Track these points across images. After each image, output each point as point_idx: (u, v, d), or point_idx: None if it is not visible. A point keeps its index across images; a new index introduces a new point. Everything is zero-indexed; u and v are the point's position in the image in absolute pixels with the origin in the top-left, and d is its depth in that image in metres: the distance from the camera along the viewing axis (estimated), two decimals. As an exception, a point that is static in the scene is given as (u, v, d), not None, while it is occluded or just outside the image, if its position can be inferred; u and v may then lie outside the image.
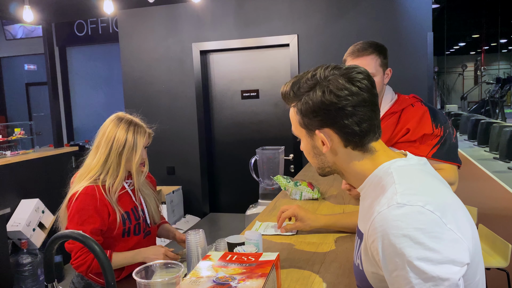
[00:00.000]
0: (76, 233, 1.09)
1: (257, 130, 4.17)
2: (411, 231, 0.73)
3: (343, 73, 0.88)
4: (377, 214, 0.78)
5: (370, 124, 0.89)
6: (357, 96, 0.87)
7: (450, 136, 1.69)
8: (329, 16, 3.75)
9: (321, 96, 0.88)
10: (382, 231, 0.76)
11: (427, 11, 3.50)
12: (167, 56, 4.27)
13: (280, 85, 4.23)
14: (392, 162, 0.88)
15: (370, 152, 0.91)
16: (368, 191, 0.90)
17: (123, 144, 1.69)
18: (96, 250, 1.04)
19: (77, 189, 1.66)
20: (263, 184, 2.49)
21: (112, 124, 1.72)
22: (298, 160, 3.92)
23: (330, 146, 0.91)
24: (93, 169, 1.70)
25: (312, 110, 0.90)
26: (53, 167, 4.19)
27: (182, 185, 4.31)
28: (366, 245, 0.83)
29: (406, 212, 0.75)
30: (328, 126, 0.90)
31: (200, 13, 4.08)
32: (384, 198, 0.80)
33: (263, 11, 3.92)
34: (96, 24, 6.84)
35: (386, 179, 0.85)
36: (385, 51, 1.81)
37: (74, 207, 1.63)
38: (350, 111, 0.87)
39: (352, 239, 1.45)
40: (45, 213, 3.77)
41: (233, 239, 1.34)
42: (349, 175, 0.95)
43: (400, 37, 3.57)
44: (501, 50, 20.05)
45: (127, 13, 4.30)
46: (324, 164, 0.97)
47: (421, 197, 0.77)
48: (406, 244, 0.73)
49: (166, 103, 4.33)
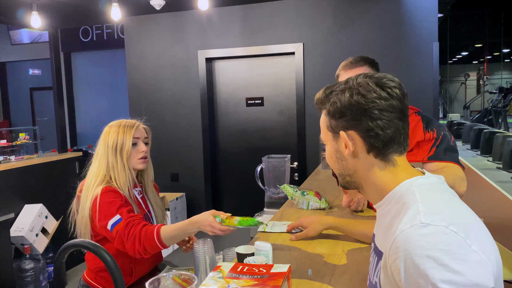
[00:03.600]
0: (87, 242, 1.09)
1: (261, 137, 4.17)
2: (435, 252, 0.72)
3: (375, 79, 0.89)
4: (399, 232, 0.77)
5: (395, 132, 0.88)
6: (386, 100, 0.87)
7: (446, 138, 1.66)
8: (335, 25, 3.76)
9: (349, 97, 0.89)
10: (405, 250, 0.75)
11: (432, 21, 3.51)
12: (173, 63, 4.28)
13: (285, 92, 4.25)
14: (413, 180, 0.87)
15: (392, 164, 0.90)
16: (388, 209, 0.88)
17: (115, 142, 1.74)
18: (107, 259, 1.04)
19: (96, 192, 1.67)
20: (269, 192, 2.48)
21: (105, 131, 1.80)
22: (303, 168, 3.92)
23: (352, 149, 0.90)
24: (99, 174, 1.73)
25: (339, 110, 0.90)
26: (57, 172, 4.19)
27: (186, 192, 4.30)
28: (386, 264, 0.81)
29: (430, 232, 0.74)
30: (353, 128, 0.90)
31: (206, 21, 4.10)
32: (406, 217, 0.79)
33: (269, 19, 3.93)
34: (101, 30, 6.88)
35: (408, 197, 0.83)
36: (377, 64, 1.84)
37: (101, 204, 1.64)
38: (376, 114, 0.87)
39: (362, 251, 1.44)
40: (48, 218, 3.76)
41: (243, 249, 1.33)
42: (368, 187, 0.94)
43: (405, 47, 3.57)
44: (504, 59, 20.08)
45: (133, 19, 4.33)
46: (345, 171, 0.95)
47: (445, 217, 0.76)
48: (430, 265, 0.71)
49: (171, 109, 4.34)
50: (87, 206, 1.68)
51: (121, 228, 1.59)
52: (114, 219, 1.60)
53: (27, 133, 4.35)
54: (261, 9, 3.94)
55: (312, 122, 3.87)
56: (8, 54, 7.38)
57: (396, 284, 0.79)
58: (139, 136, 1.80)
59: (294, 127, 4.01)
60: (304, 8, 3.83)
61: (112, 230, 1.60)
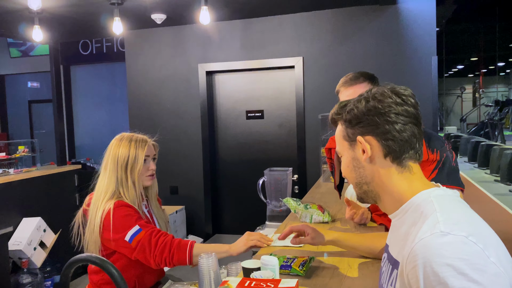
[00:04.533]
0: (93, 256, 1.08)
1: (261, 150, 4.18)
2: (455, 261, 0.72)
3: (390, 88, 0.93)
4: (419, 240, 0.78)
5: (411, 136, 0.90)
6: (401, 106, 0.90)
7: (448, 159, 1.66)
8: (334, 39, 3.80)
9: (366, 103, 0.92)
10: (424, 258, 0.75)
11: (431, 35, 3.55)
12: (173, 76, 4.30)
13: (285, 106, 4.26)
14: (431, 190, 0.89)
15: (408, 170, 0.92)
16: (404, 218, 0.90)
17: (127, 158, 1.74)
18: (114, 274, 1.03)
19: (108, 207, 1.67)
20: (271, 205, 2.47)
21: (115, 144, 1.79)
22: (303, 181, 3.91)
23: (370, 154, 0.92)
24: (109, 189, 1.73)
25: (356, 117, 0.93)
26: (56, 185, 4.17)
27: (186, 205, 4.28)
28: (403, 272, 0.82)
29: (450, 241, 0.75)
30: (370, 133, 0.92)
31: (206, 35, 4.14)
32: (425, 225, 0.80)
33: (269, 33, 3.97)
34: (101, 43, 6.91)
35: (426, 207, 0.85)
36: (377, 79, 1.86)
37: (117, 217, 1.65)
38: (392, 117, 0.90)
39: (368, 264, 1.43)
40: (46, 232, 3.73)
41: (249, 263, 1.33)
42: (385, 196, 0.95)
43: (404, 61, 3.61)
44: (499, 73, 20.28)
45: (134, 33, 4.36)
46: (362, 179, 0.96)
47: (464, 227, 0.77)
48: (449, 273, 0.72)
49: (171, 122, 4.34)
50: (97, 220, 1.67)
51: (144, 237, 1.60)
52: (133, 230, 1.61)
53: (26, 146, 4.34)
54: (261, 24, 3.98)
55: (312, 135, 3.88)
56: (7, 67, 7.40)
57: None
58: (149, 154, 1.81)
59: (294, 140, 4.02)
60: (304, 23, 3.87)
61: (131, 241, 1.60)
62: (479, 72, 19.07)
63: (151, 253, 1.60)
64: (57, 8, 3.34)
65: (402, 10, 3.58)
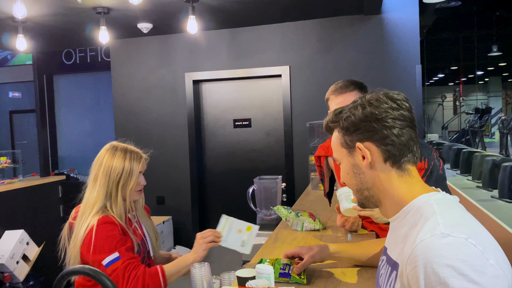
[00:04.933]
0: (87, 268, 1.05)
1: (249, 159, 4.17)
2: (456, 262, 0.74)
3: (384, 93, 0.95)
4: (419, 241, 0.79)
5: (409, 140, 0.92)
6: (397, 110, 0.92)
7: (436, 167, 1.67)
8: (321, 49, 3.84)
9: (362, 110, 0.94)
10: (425, 259, 0.77)
11: (414, 44, 3.62)
12: (160, 85, 4.28)
13: (272, 114, 4.28)
14: (431, 194, 0.90)
15: (408, 174, 0.93)
16: (405, 221, 0.91)
17: (121, 172, 1.68)
18: (109, 286, 1.01)
19: (92, 223, 1.61)
20: (261, 214, 2.46)
21: (108, 154, 1.71)
22: (291, 189, 3.92)
23: (370, 160, 0.93)
24: (96, 202, 1.66)
25: (353, 124, 0.95)
26: (39, 197, 4.09)
27: (172, 216, 4.24)
28: (403, 273, 0.83)
29: (450, 242, 0.76)
30: (368, 139, 0.93)
31: (193, 44, 4.14)
32: (426, 227, 0.81)
33: (256, 42, 3.99)
34: (85, 52, 6.83)
35: (427, 209, 0.86)
36: (366, 88, 1.88)
37: (98, 237, 1.58)
38: (390, 122, 0.92)
39: (362, 271, 1.43)
40: (29, 245, 3.64)
41: (243, 272, 1.32)
42: (386, 200, 0.96)
43: (389, 69, 3.67)
44: (478, 81, 20.78)
45: (120, 42, 4.33)
46: (363, 185, 0.97)
47: (464, 230, 0.78)
48: (450, 274, 0.73)
49: (157, 131, 4.31)
50: (80, 235, 1.62)
51: (120, 269, 1.55)
52: (111, 256, 1.55)
53: (8, 157, 4.25)
54: (248, 33, 4.00)
55: (300, 143, 3.90)
56: (-14, 77, 7.25)
57: None
58: (141, 170, 1.77)
59: (282, 148, 4.03)
60: (290, 32, 3.91)
61: (107, 267, 1.54)
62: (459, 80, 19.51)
63: (126, 286, 1.55)
64: (41, 17, 3.30)
65: (386, 20, 3.65)
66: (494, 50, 12.58)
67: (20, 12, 2.45)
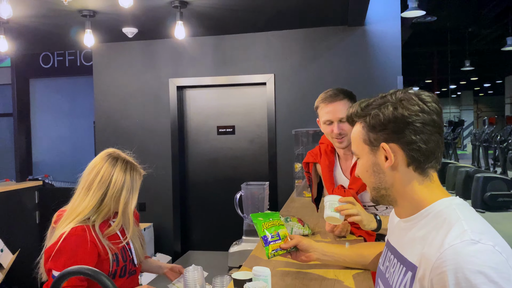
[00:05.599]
0: (85, 268, 1.04)
1: (232, 166, 4.17)
2: (486, 269, 0.75)
3: (415, 93, 0.92)
4: (448, 246, 0.79)
5: (435, 147, 0.90)
6: (428, 114, 0.89)
7: None
8: (305, 58, 3.90)
9: (393, 110, 0.90)
10: (455, 264, 0.77)
11: (396, 55, 3.73)
12: (143, 91, 4.24)
13: (257, 122, 4.29)
14: (452, 198, 0.91)
15: (429, 179, 0.93)
16: (422, 223, 0.91)
17: (122, 187, 1.61)
18: (109, 286, 1.00)
19: (64, 230, 1.56)
20: (247, 220, 2.46)
21: (107, 164, 1.63)
22: (274, 196, 3.93)
23: (393, 162, 0.91)
24: (83, 212, 1.60)
25: (381, 123, 0.91)
26: (15, 202, 3.97)
27: (153, 223, 4.18)
28: (425, 276, 0.83)
29: (480, 249, 0.77)
30: (394, 141, 0.91)
31: (178, 50, 4.13)
32: (453, 232, 0.81)
33: (241, 50, 4.02)
34: (64, 56, 6.71)
35: (450, 214, 0.86)
36: (355, 97, 1.92)
37: (60, 248, 1.52)
38: (419, 127, 0.89)
39: (354, 275, 1.45)
40: (4, 252, 3.51)
41: (240, 275, 1.31)
42: (403, 201, 0.95)
43: (371, 80, 3.75)
44: (451, 95, 21.46)
45: (103, 46, 4.28)
46: (381, 184, 0.96)
47: (490, 237, 0.80)
48: (481, 281, 0.74)
49: (139, 137, 4.26)
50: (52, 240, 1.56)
51: None
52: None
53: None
54: (234, 41, 4.03)
55: (284, 151, 3.93)
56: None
57: None
58: None
59: (265, 156, 4.05)
60: (275, 41, 3.95)
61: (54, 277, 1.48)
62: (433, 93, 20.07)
63: None
64: (24, 18, 3.24)
65: (369, 32, 3.74)
66: (466, 65, 13.04)
67: (6, 12, 2.40)
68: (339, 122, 1.84)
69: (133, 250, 1.79)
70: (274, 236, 1.38)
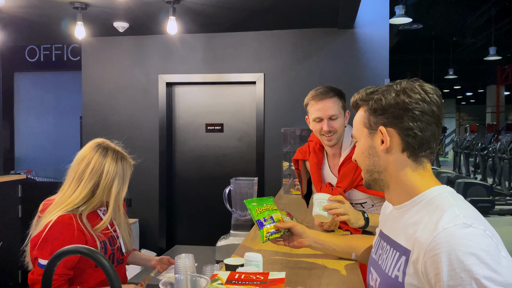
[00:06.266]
0: (81, 247, 1.04)
1: (220, 163, 4.18)
2: (478, 251, 0.79)
3: (419, 84, 0.96)
4: (442, 230, 0.83)
5: (431, 137, 0.94)
6: (428, 104, 0.93)
7: None
8: (295, 58, 3.95)
9: (395, 96, 0.95)
10: (449, 246, 0.81)
11: (384, 59, 3.80)
12: (132, 86, 4.23)
13: (245, 120, 4.32)
14: (444, 187, 0.95)
15: (422, 167, 0.96)
16: (414, 209, 0.95)
17: (114, 177, 1.61)
18: (106, 265, 1.01)
19: (50, 218, 1.55)
20: (236, 214, 2.48)
21: (98, 154, 1.63)
22: (261, 194, 3.95)
23: (388, 145, 0.95)
24: (73, 202, 1.59)
25: (382, 107, 0.95)
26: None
27: (139, 219, 4.16)
28: (419, 259, 0.86)
29: (472, 232, 0.81)
30: (393, 125, 0.95)
31: (169, 46, 4.13)
32: (445, 217, 0.85)
33: (231, 48, 4.05)
34: (50, 50, 6.63)
35: (442, 201, 0.90)
36: (344, 95, 1.94)
37: (47, 236, 1.51)
38: (417, 115, 0.93)
39: (341, 263, 1.49)
40: (-15, 245, 3.46)
41: (232, 261, 1.34)
42: (396, 187, 0.99)
43: (359, 82, 3.82)
44: (434, 103, 21.82)
45: (93, 40, 4.25)
46: (375, 167, 1.00)
47: (480, 222, 0.84)
48: (473, 262, 0.78)
49: (127, 132, 4.23)
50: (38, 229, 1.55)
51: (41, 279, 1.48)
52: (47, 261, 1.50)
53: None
54: (224, 39, 4.05)
55: (271, 150, 3.96)
56: None
57: (425, 278, 0.85)
58: None
59: (253, 154, 4.07)
60: (266, 41, 3.99)
61: (40, 267, 1.49)
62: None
63: None
64: (14, 9, 3.20)
65: (358, 35, 3.81)
66: (450, 73, 13.32)
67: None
68: (329, 120, 1.86)
69: (121, 239, 1.80)
70: (268, 219, 1.41)
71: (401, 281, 0.91)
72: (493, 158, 10.38)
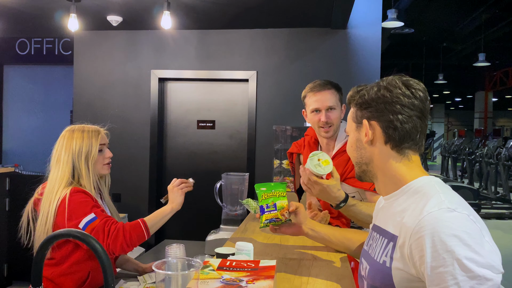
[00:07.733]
0: (74, 231, 1.05)
1: (211, 160, 4.19)
2: (461, 233, 0.81)
3: (403, 80, 1.01)
4: (426, 214, 0.86)
5: (412, 129, 0.98)
6: (408, 98, 0.98)
7: None
8: (288, 57, 3.97)
9: (377, 91, 1.01)
10: (432, 229, 0.83)
11: (376, 59, 3.84)
12: (124, 81, 4.21)
13: (237, 118, 4.34)
14: (431, 177, 0.99)
15: (407, 158, 1.00)
16: (402, 199, 0.98)
17: (81, 149, 1.72)
18: (98, 249, 1.01)
19: (64, 193, 1.63)
20: (226, 209, 2.49)
21: (67, 136, 1.76)
22: (251, 192, 3.96)
23: (371, 138, 1.01)
24: (64, 178, 1.69)
25: (365, 101, 1.02)
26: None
27: (128, 214, 4.14)
28: (405, 243, 0.89)
29: (456, 216, 0.84)
30: (375, 119, 1.01)
31: (162, 42, 4.13)
32: (431, 202, 0.88)
33: (224, 46, 4.05)
34: (41, 44, 6.56)
35: (429, 189, 0.94)
36: (341, 89, 2.00)
37: (72, 205, 1.60)
38: (398, 108, 0.97)
39: (330, 256, 1.51)
40: (-29, 237, 3.41)
41: (223, 250, 1.35)
42: (384, 177, 1.03)
43: (351, 82, 3.84)
44: (423, 107, 22.07)
45: (86, 34, 4.23)
46: (362, 159, 1.05)
47: (465, 208, 0.87)
48: (455, 243, 0.81)
49: (118, 127, 4.18)
50: (51, 208, 1.62)
51: (99, 225, 1.57)
52: (88, 217, 1.57)
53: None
54: (218, 36, 4.06)
55: (263, 147, 3.98)
56: None
57: (411, 261, 0.87)
58: (104, 143, 1.82)
59: (244, 152, 4.08)
60: (259, 39, 4.01)
61: (85, 228, 1.56)
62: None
63: (104, 242, 1.58)
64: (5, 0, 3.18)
65: (351, 35, 3.85)
66: (440, 78, 13.48)
67: (-10, -12, 2.35)
68: (326, 111, 1.90)
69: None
70: (270, 206, 1.41)
71: (389, 266, 0.94)
72: (480, 163, 10.53)
